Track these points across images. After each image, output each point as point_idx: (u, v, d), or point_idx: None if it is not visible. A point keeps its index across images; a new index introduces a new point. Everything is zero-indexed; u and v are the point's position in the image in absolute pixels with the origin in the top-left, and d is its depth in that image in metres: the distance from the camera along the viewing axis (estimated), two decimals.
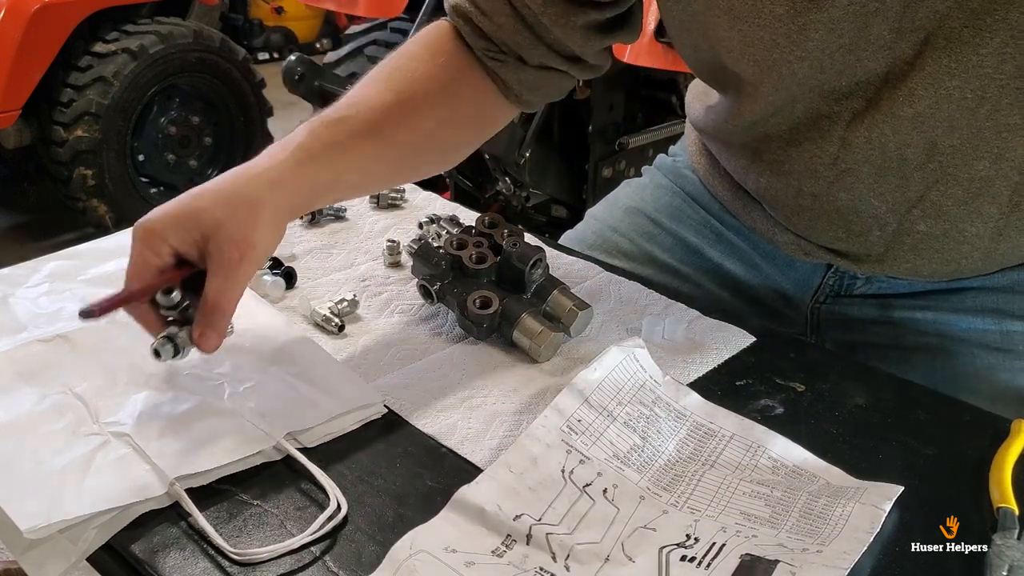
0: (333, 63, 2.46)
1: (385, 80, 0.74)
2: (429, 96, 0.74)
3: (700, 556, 0.52)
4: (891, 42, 0.63)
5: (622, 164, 2.21)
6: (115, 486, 0.56)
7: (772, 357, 0.73)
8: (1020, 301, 0.76)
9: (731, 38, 0.67)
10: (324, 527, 0.54)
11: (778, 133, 0.73)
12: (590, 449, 0.60)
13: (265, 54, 4.86)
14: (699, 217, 0.93)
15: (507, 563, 0.52)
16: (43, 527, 0.52)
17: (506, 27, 0.73)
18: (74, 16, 2.68)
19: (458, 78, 0.76)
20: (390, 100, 0.72)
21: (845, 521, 0.54)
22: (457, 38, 0.77)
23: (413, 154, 0.75)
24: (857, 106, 0.67)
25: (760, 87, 0.69)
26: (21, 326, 0.71)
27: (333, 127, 0.69)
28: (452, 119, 0.76)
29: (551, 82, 0.79)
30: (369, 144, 0.70)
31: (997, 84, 0.61)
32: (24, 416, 0.61)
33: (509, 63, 0.76)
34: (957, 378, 0.76)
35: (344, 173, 0.69)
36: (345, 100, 0.72)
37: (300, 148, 0.66)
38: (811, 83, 0.67)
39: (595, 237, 0.97)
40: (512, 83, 0.77)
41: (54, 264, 0.81)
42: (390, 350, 0.73)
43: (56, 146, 2.71)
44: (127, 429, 0.60)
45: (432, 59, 0.76)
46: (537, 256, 0.74)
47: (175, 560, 0.52)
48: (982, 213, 0.68)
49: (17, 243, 2.93)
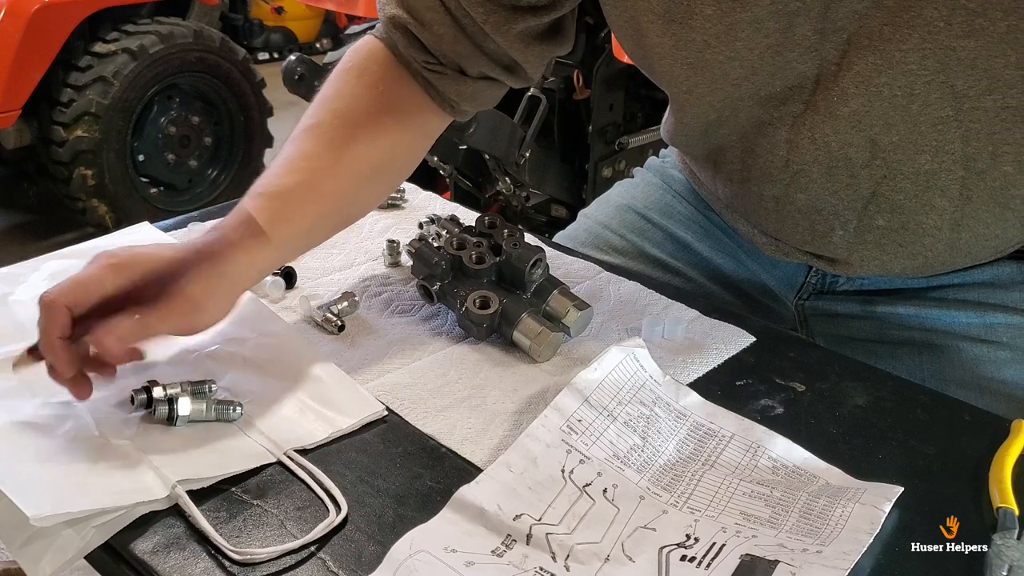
0: (333, 63, 2.46)
1: (324, 134, 0.73)
2: (369, 136, 0.74)
3: (700, 556, 0.52)
4: (816, 43, 0.64)
5: (622, 164, 2.21)
6: (118, 486, 0.56)
7: (772, 357, 0.73)
8: (1001, 294, 0.77)
9: (663, 43, 0.69)
10: (325, 530, 0.54)
11: (730, 144, 0.75)
12: (590, 449, 0.60)
13: (265, 54, 4.86)
14: (688, 212, 0.95)
15: (507, 563, 0.52)
16: (50, 515, 0.52)
17: (447, 38, 0.73)
18: (74, 16, 2.68)
19: (395, 103, 0.76)
20: (327, 157, 0.72)
21: (845, 521, 0.54)
22: (389, 56, 0.76)
23: (354, 200, 0.76)
24: (795, 110, 0.68)
25: (695, 89, 0.71)
26: (21, 328, 0.71)
27: (280, 201, 0.69)
28: (393, 150, 0.77)
29: (488, 92, 0.79)
30: (314, 210, 0.71)
31: (923, 80, 0.62)
32: (26, 420, 0.61)
33: (448, 75, 0.75)
34: (944, 372, 0.78)
35: (293, 243, 0.71)
36: (284, 163, 0.71)
37: (253, 231, 0.67)
38: (746, 86, 0.68)
39: (587, 235, 0.99)
40: (450, 94, 0.76)
41: (53, 264, 0.80)
42: (390, 350, 0.73)
43: (56, 146, 2.71)
44: (128, 437, 0.60)
45: (369, 88, 0.75)
46: (537, 256, 0.74)
47: (175, 560, 0.52)
48: (935, 206, 0.69)
49: (17, 243, 2.93)
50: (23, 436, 0.59)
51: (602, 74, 2.10)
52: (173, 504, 0.56)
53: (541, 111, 1.94)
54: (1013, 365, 0.76)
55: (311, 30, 5.11)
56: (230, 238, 0.66)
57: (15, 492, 0.53)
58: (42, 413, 0.62)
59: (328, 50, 3.99)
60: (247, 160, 3.19)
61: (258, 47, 4.76)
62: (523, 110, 1.93)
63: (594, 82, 2.07)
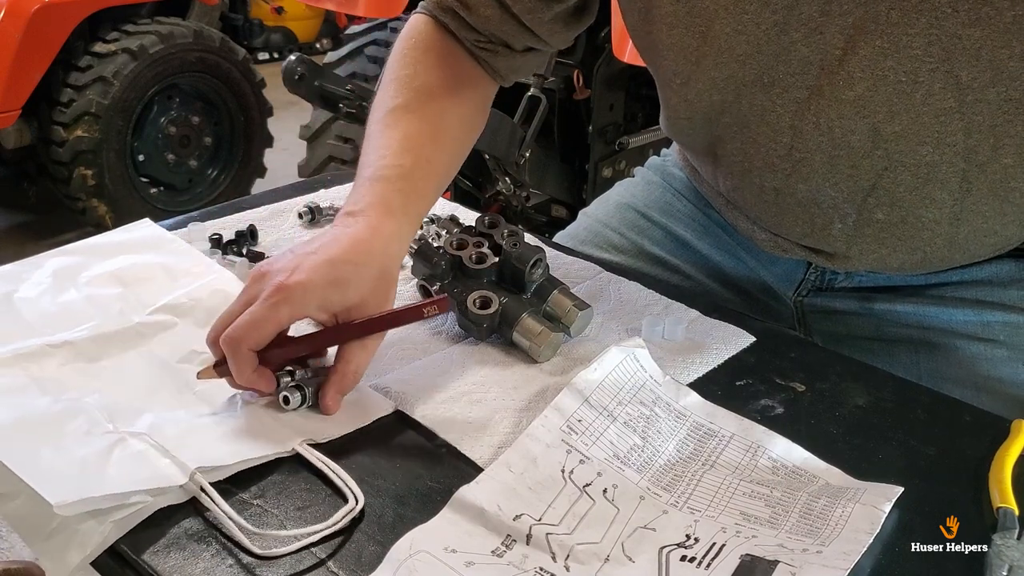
0: (333, 63, 2.46)
1: (416, 112, 0.78)
2: (451, 109, 0.80)
3: (700, 556, 0.52)
4: (820, 24, 0.65)
5: (622, 164, 2.21)
6: (137, 474, 0.55)
7: (772, 357, 0.73)
8: (999, 293, 0.77)
9: (676, 11, 0.71)
10: (342, 521, 0.54)
11: (731, 134, 0.76)
12: (590, 449, 0.60)
13: (265, 54, 4.86)
14: (688, 211, 0.96)
15: (507, 563, 0.52)
16: (73, 503, 0.52)
17: (493, 19, 0.79)
18: (74, 16, 2.68)
19: (461, 74, 0.82)
20: (427, 132, 0.77)
21: (845, 522, 0.54)
22: (444, 34, 0.82)
23: (453, 168, 0.81)
24: (800, 96, 0.69)
25: (703, 60, 0.72)
26: (28, 326, 0.71)
27: (406, 181, 0.73)
28: (469, 118, 0.83)
29: (532, 61, 0.85)
30: (432, 186, 0.76)
31: (928, 67, 0.62)
32: (39, 415, 0.61)
33: (499, 51, 0.82)
34: (940, 370, 0.78)
35: (420, 220, 0.76)
36: (394, 146, 0.75)
37: (394, 212, 0.70)
38: (750, 65, 0.70)
39: (587, 233, 1.00)
40: (501, 68, 0.83)
41: (57, 261, 0.80)
42: (390, 350, 0.73)
43: (56, 146, 2.71)
44: (143, 430, 0.60)
45: (439, 65, 0.81)
46: (537, 256, 0.74)
47: (175, 560, 0.52)
48: (935, 199, 0.69)
49: (17, 243, 2.93)
50: (37, 430, 0.59)
51: (602, 74, 2.10)
52: (190, 498, 0.56)
53: (541, 111, 1.94)
54: (1009, 363, 0.76)
55: (311, 30, 5.12)
56: (375, 227, 0.68)
57: (36, 482, 0.53)
58: (54, 409, 0.62)
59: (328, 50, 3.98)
60: (247, 160, 3.19)
61: (258, 47, 4.76)
62: (523, 110, 1.93)
63: (594, 82, 2.07)
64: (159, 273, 0.79)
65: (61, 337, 0.69)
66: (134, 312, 0.73)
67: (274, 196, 0.99)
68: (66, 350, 0.68)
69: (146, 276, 0.79)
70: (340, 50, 2.52)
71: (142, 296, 0.76)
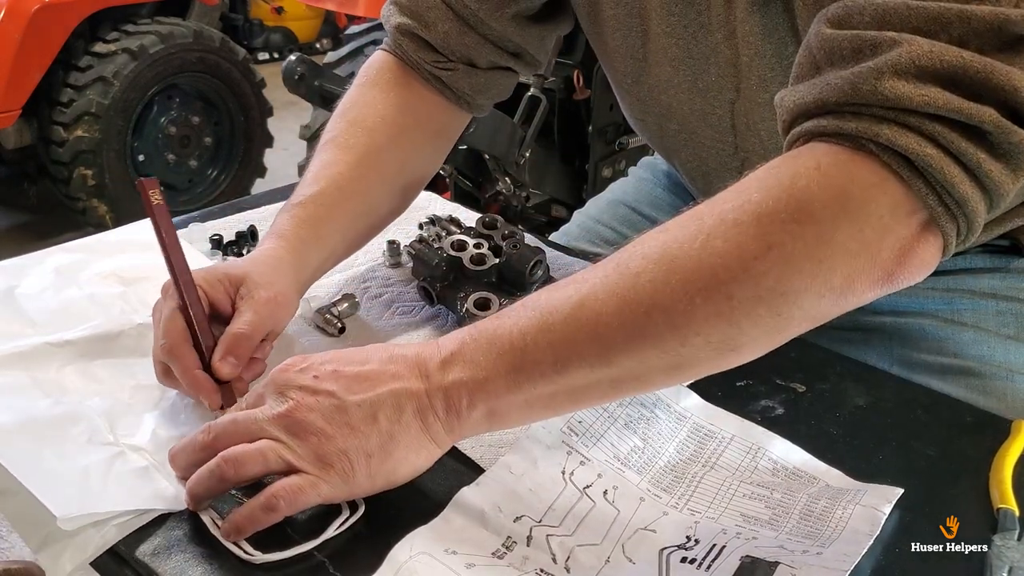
0: (333, 63, 2.46)
1: (343, 143, 0.77)
2: (386, 138, 0.78)
3: (700, 558, 0.52)
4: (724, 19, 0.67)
5: (622, 164, 2.21)
6: (139, 492, 0.56)
7: (772, 357, 0.72)
8: (971, 281, 0.79)
9: (617, 14, 0.73)
10: (342, 524, 0.54)
11: (682, 141, 0.78)
12: (590, 450, 0.60)
13: (265, 54, 4.86)
14: (677, 203, 0.98)
15: (507, 564, 0.52)
16: (77, 516, 0.52)
17: (452, 33, 0.78)
18: (74, 16, 2.68)
19: (409, 107, 0.80)
20: (347, 160, 0.76)
21: (845, 523, 0.54)
22: (399, 64, 0.81)
23: (383, 198, 0.79)
24: (731, 97, 0.71)
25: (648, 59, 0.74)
26: (30, 323, 0.71)
27: (311, 205, 0.73)
28: (412, 151, 0.80)
29: (500, 82, 0.83)
30: (347, 207, 0.75)
31: None
32: (40, 418, 0.61)
33: (459, 70, 0.80)
34: (910, 355, 0.78)
35: (331, 245, 0.74)
36: (309, 177, 0.76)
37: (287, 237, 0.71)
38: (683, 71, 0.72)
39: (579, 230, 1.03)
40: (464, 89, 0.81)
41: (58, 257, 0.81)
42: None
43: (56, 146, 2.71)
44: (143, 444, 0.60)
45: (384, 97, 0.80)
46: (537, 258, 0.74)
47: (176, 562, 0.52)
48: None
49: (17, 243, 2.93)
50: (39, 434, 0.59)
51: (602, 74, 2.09)
52: None
53: (541, 111, 1.94)
54: (975, 346, 0.76)
55: (311, 30, 5.12)
56: (286, 241, 0.70)
57: (41, 491, 0.53)
58: (55, 412, 0.62)
59: (328, 50, 3.99)
60: (247, 160, 3.19)
61: (258, 47, 4.76)
62: (523, 110, 1.93)
63: (594, 82, 2.07)
64: (160, 273, 0.79)
65: (62, 336, 0.69)
66: (135, 312, 0.74)
67: (274, 196, 0.99)
68: (67, 350, 0.68)
69: (147, 276, 0.79)
70: (340, 50, 2.52)
71: (143, 296, 0.76)
